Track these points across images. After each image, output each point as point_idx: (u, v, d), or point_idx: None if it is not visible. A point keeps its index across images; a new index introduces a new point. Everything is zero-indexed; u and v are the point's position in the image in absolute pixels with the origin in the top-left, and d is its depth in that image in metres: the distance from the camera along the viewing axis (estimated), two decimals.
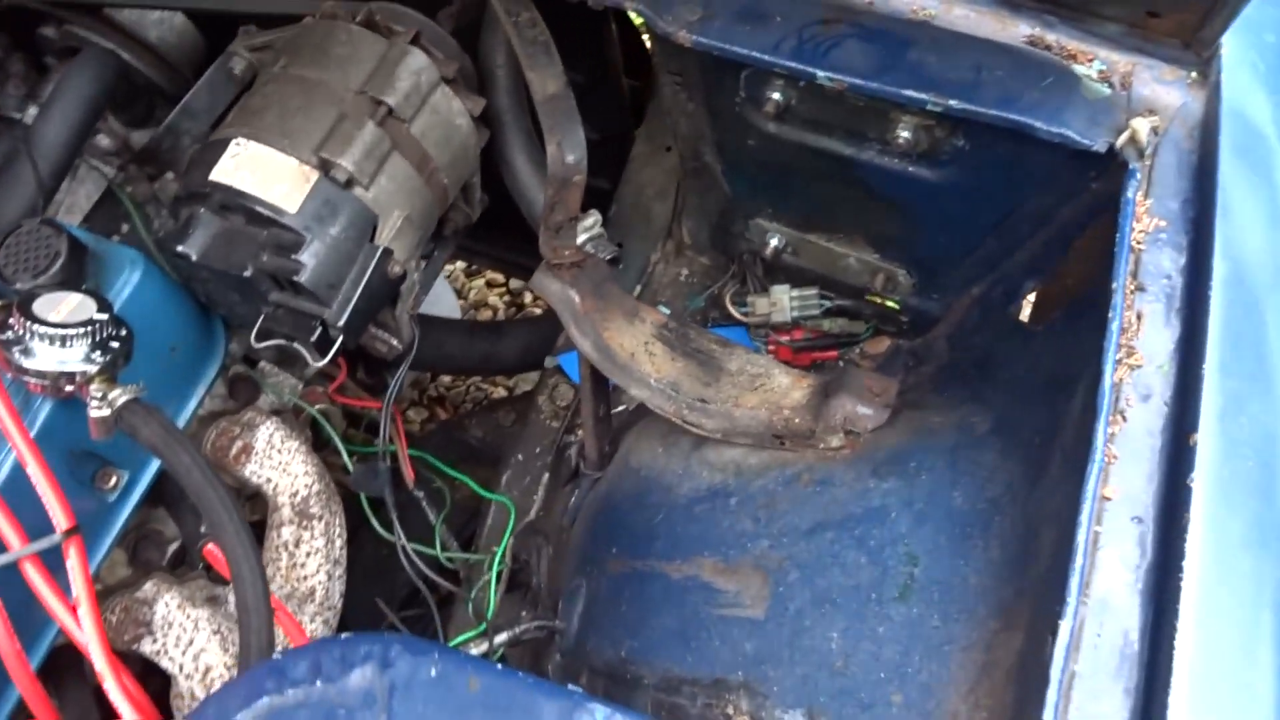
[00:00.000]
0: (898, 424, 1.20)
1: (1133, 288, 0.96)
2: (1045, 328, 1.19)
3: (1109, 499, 0.82)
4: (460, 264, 3.14)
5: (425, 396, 2.95)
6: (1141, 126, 1.10)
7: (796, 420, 1.25)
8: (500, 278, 3.18)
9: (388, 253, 1.22)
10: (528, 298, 3.18)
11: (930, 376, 1.38)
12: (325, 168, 1.20)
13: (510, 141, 1.43)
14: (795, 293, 1.57)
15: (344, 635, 0.77)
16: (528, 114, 1.49)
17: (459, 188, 1.39)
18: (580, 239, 1.38)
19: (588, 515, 1.36)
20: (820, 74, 1.20)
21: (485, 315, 3.16)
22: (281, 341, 1.27)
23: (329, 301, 1.21)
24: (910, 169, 1.34)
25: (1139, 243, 0.99)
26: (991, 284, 1.45)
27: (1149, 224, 1.02)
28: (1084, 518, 0.79)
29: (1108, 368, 0.88)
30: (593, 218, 1.39)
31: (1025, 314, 1.36)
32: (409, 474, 1.50)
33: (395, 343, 1.39)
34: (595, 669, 1.11)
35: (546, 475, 1.70)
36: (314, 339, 1.22)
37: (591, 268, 1.32)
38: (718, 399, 1.28)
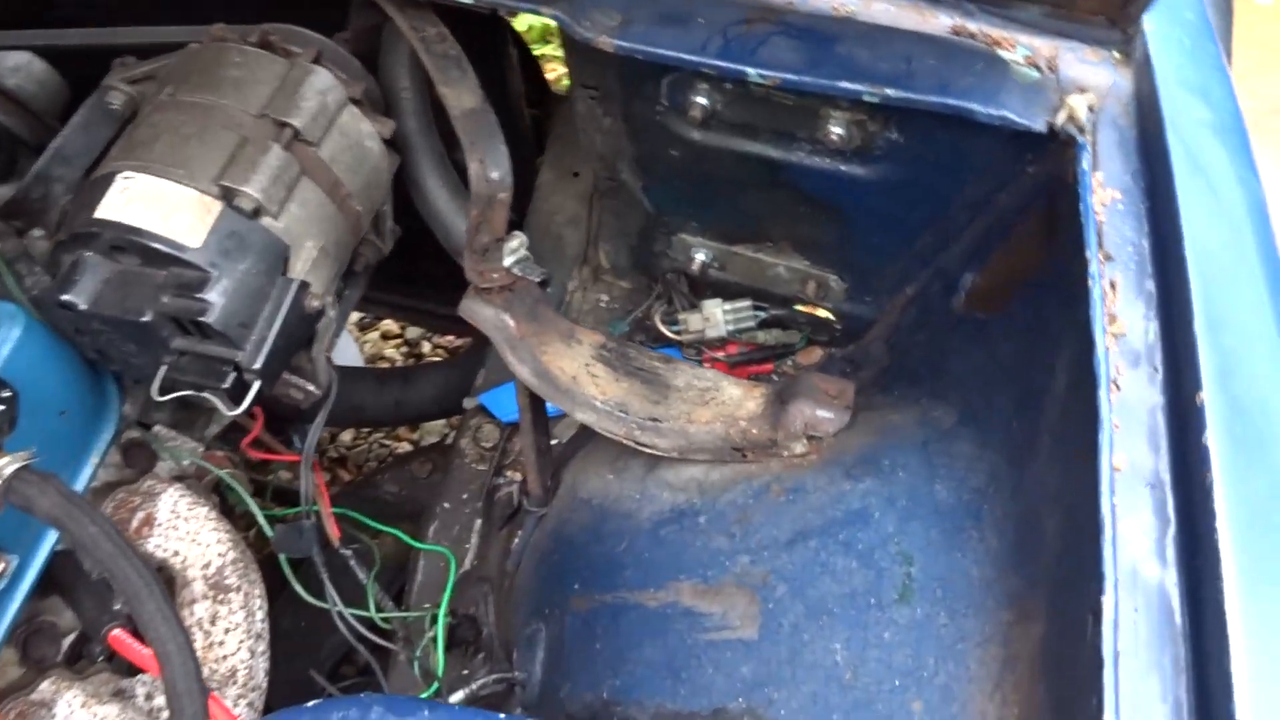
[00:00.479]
0: (858, 426, 1.16)
1: (1102, 257, 0.94)
2: (1000, 316, 1.17)
3: (1118, 469, 0.79)
4: (353, 316, 3.00)
5: (325, 458, 2.79)
6: (1079, 103, 1.10)
7: (755, 431, 1.19)
8: (395, 328, 3.05)
9: (304, 286, 1.12)
10: (425, 347, 3.06)
11: (871, 381, 1.34)
12: (229, 197, 1.09)
13: (422, 165, 1.34)
14: (728, 306, 1.52)
15: (313, 703, 0.67)
16: (438, 137, 1.40)
17: (371, 217, 1.30)
18: (508, 261, 1.30)
19: (537, 555, 1.27)
20: (751, 72, 1.17)
21: None
22: (189, 393, 1.14)
23: (242, 343, 1.10)
24: (842, 168, 1.31)
25: (1099, 214, 0.98)
26: (928, 281, 1.44)
27: (1105, 195, 1.01)
28: (1105, 489, 0.75)
29: (1098, 338, 0.85)
30: (518, 239, 1.31)
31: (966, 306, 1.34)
32: (334, 532, 1.37)
33: (312, 388, 1.28)
34: (574, 715, 1.01)
35: (478, 521, 1.59)
36: (227, 386, 1.10)
37: (523, 290, 1.24)
38: (669, 416, 1.21)
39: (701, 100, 1.28)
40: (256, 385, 1.11)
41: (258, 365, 1.09)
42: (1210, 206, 0.95)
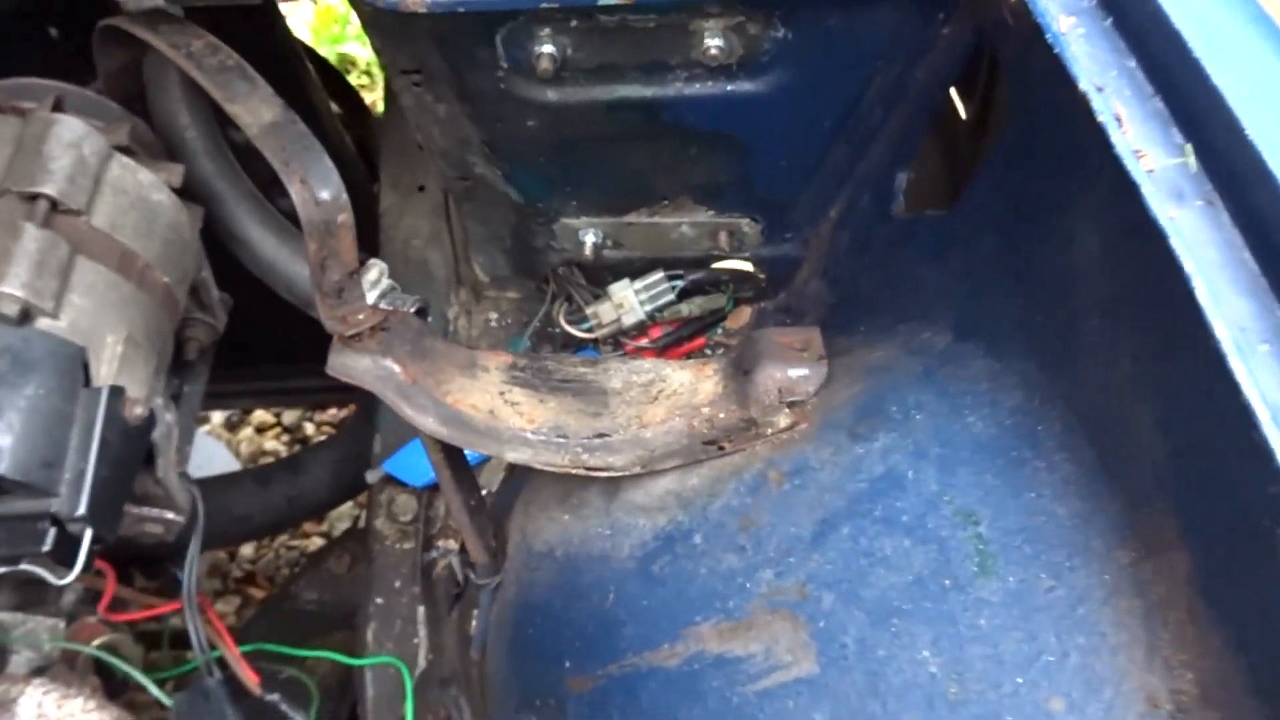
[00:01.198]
0: (839, 376, 0.96)
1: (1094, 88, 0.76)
2: (964, 206, 0.98)
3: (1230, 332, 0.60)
4: (216, 418, 2.68)
5: (229, 580, 2.47)
6: None
7: (722, 415, 0.98)
8: (269, 417, 2.74)
9: (117, 391, 0.85)
10: (309, 429, 2.75)
11: (822, 325, 1.14)
12: None
13: (233, 209, 1.09)
14: (639, 284, 1.31)
15: None
16: (245, 175, 1.15)
17: (186, 287, 1.03)
18: (371, 297, 1.05)
19: (506, 635, 1.03)
20: None
21: None
22: (3, 569, 0.87)
23: (53, 488, 0.83)
24: (729, 88, 1.11)
25: (1070, 44, 0.80)
26: (852, 196, 1.25)
27: (1064, 24, 0.83)
28: (1236, 361, 0.56)
29: (1139, 177, 0.67)
30: (376, 268, 1.07)
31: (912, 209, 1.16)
32: (251, 677, 1.11)
33: (171, 515, 1.01)
34: None
35: (420, 609, 1.34)
36: (49, 547, 0.83)
37: (399, 326, 1.00)
38: (617, 426, 0.99)
39: (547, 49, 1.06)
40: (88, 535, 0.85)
41: (81, 510, 0.83)
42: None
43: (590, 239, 1.35)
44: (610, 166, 1.26)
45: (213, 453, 2.14)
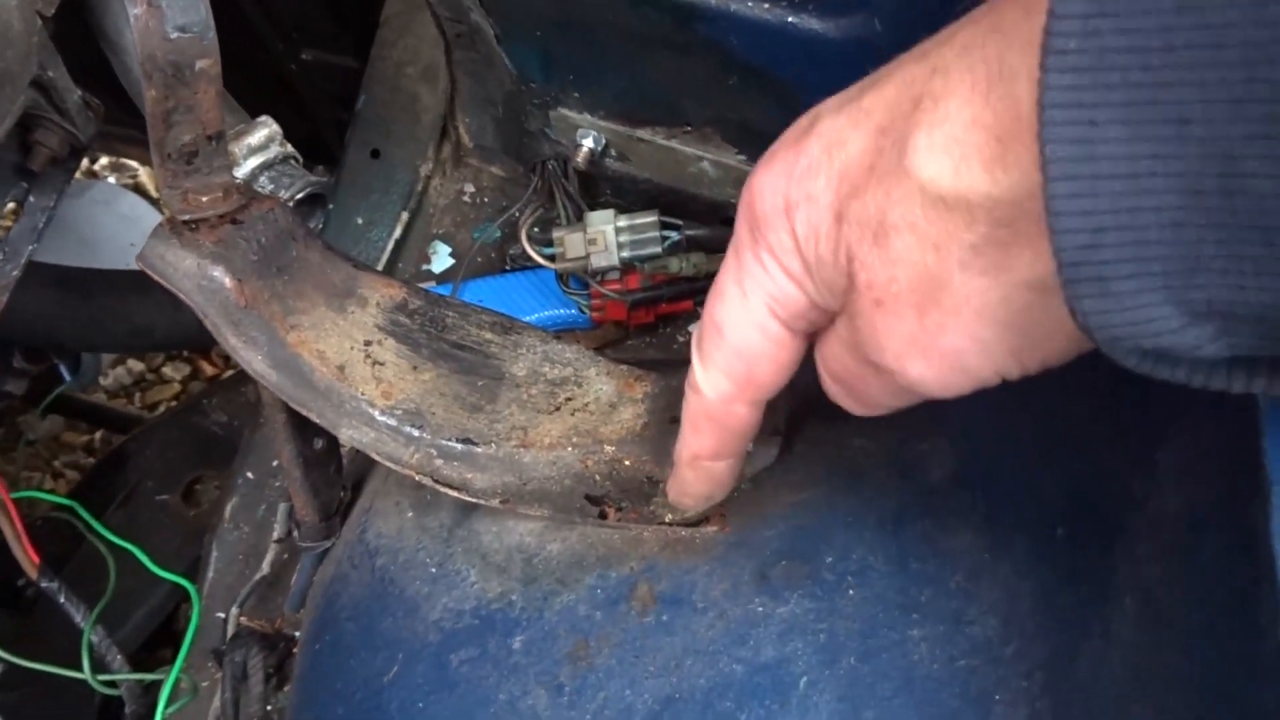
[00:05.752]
0: (790, 469, 0.71)
1: None
2: None
3: None
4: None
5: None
6: None
7: (627, 463, 0.74)
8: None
9: None
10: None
11: None
12: None
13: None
14: (624, 222, 1.03)
15: None
16: None
17: (11, 96, 0.79)
18: (246, 167, 0.80)
19: (310, 623, 0.84)
20: None
21: None
22: None
23: None
24: (790, 19, 0.81)
25: None
26: None
27: None
28: None
29: None
30: (264, 130, 0.81)
31: None
32: (30, 558, 0.93)
33: None
34: None
35: (284, 506, 1.15)
36: None
37: (258, 220, 0.76)
38: (494, 435, 0.75)
39: None
40: None
41: None
42: None
43: (588, 143, 1.07)
44: (626, 68, 0.97)
45: (141, 214, 1.88)
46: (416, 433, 0.75)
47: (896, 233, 0.43)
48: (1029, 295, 0.40)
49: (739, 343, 0.54)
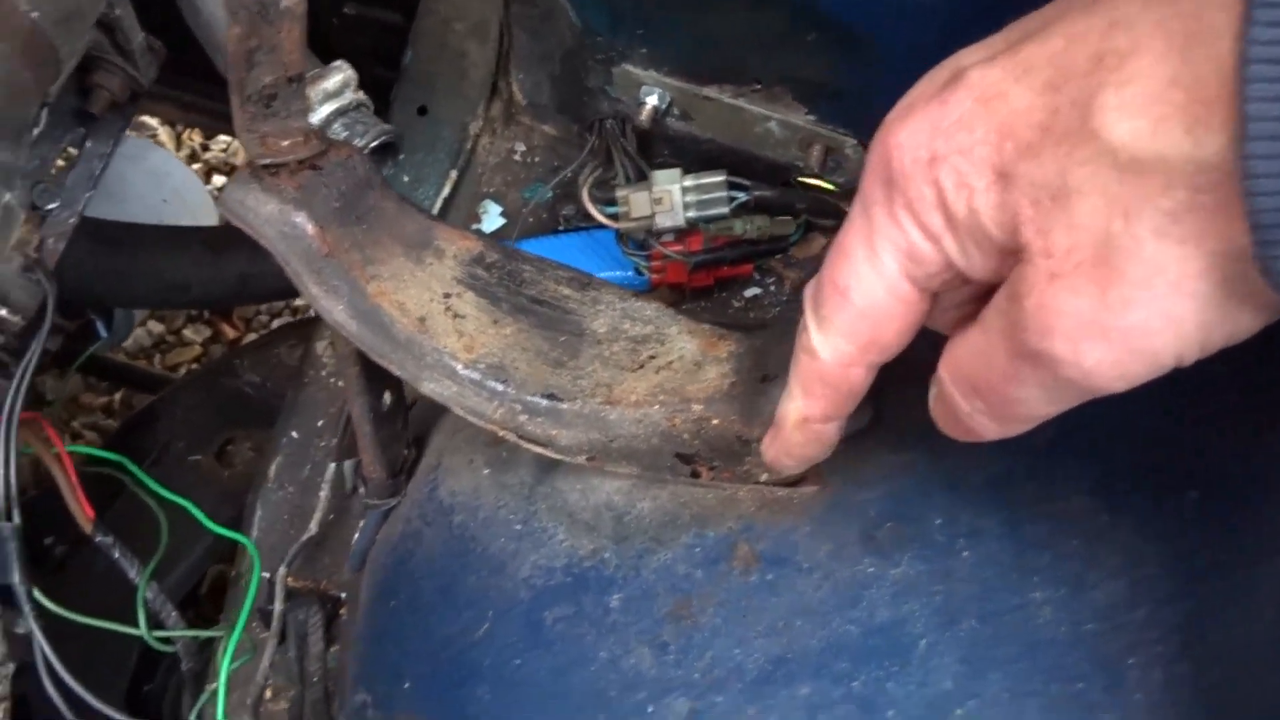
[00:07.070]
0: (885, 428, 0.69)
1: None
2: None
3: None
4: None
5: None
6: None
7: (716, 422, 0.72)
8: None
9: None
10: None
11: None
12: None
13: None
14: (690, 181, 1.01)
15: None
16: None
17: (76, 27, 0.76)
18: (321, 113, 0.78)
19: (374, 583, 0.82)
20: None
21: None
22: None
23: None
24: None
25: None
26: None
27: None
28: None
29: None
30: (340, 75, 0.79)
31: None
32: (86, 512, 0.91)
33: (3, 312, 0.79)
34: None
35: (333, 467, 1.13)
36: None
37: (337, 167, 0.73)
38: (579, 391, 0.74)
39: None
40: None
41: None
42: None
43: (653, 101, 1.04)
44: (697, 21, 0.94)
45: (171, 170, 1.83)
46: (500, 387, 0.73)
47: (1081, 196, 0.40)
48: (1233, 265, 0.38)
49: (865, 304, 0.52)
